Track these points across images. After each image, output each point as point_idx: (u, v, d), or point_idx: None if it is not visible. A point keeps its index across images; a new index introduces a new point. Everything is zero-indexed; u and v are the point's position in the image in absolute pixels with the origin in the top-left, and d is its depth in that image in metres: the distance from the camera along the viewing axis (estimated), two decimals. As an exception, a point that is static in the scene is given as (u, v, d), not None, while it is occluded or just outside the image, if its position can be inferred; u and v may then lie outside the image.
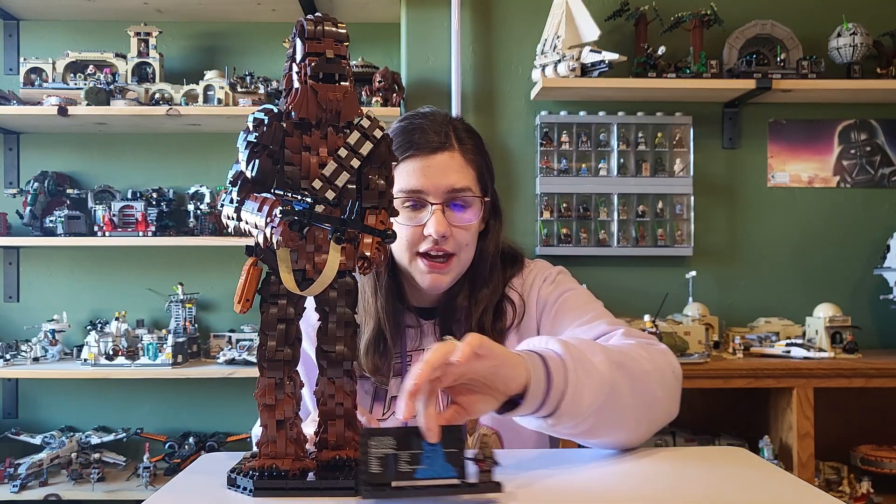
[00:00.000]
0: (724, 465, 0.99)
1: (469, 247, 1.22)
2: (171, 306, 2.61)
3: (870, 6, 2.62)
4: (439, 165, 1.18)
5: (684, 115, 2.58)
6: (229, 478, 0.86)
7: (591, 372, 0.92)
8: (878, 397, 2.40)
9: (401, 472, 0.76)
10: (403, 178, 1.19)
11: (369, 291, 1.23)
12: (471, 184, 1.21)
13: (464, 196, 1.20)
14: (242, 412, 2.70)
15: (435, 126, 1.22)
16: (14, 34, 2.79)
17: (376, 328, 1.22)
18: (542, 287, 1.27)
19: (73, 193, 2.67)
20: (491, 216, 1.28)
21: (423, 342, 1.26)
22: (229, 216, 0.84)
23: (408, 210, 1.20)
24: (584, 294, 1.28)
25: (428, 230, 1.17)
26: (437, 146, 1.19)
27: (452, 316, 1.24)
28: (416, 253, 1.20)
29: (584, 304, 1.24)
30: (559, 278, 1.29)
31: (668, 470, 0.95)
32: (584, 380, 0.90)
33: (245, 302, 0.82)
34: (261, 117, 0.83)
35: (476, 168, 1.23)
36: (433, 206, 1.18)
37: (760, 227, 2.64)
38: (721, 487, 0.89)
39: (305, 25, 0.83)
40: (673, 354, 1.11)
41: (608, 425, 0.95)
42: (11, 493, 2.37)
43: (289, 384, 0.84)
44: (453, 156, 1.20)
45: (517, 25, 2.62)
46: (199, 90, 2.53)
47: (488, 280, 1.25)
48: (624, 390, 0.95)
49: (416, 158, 1.19)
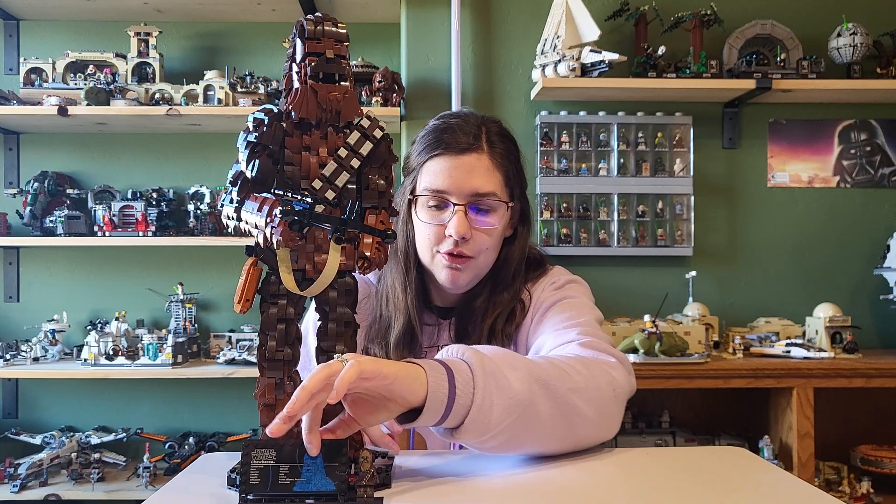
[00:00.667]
0: (724, 465, 0.99)
1: (489, 251, 1.21)
2: (171, 306, 2.61)
3: (870, 6, 2.62)
4: (465, 167, 1.18)
5: (684, 115, 2.58)
6: (229, 478, 0.86)
7: (504, 388, 0.88)
8: (877, 397, 2.41)
9: (280, 485, 0.76)
10: (429, 176, 1.19)
11: (399, 288, 1.23)
12: (496, 188, 1.19)
13: (488, 200, 1.18)
14: (242, 412, 2.70)
15: (467, 127, 1.20)
16: (14, 34, 2.79)
17: (406, 324, 1.22)
18: (546, 289, 1.26)
19: (73, 193, 2.67)
20: (519, 222, 1.27)
21: (439, 340, 1.26)
22: (229, 216, 0.84)
23: (431, 209, 1.20)
24: (581, 304, 1.23)
25: (448, 231, 1.17)
26: (466, 147, 1.18)
27: (469, 317, 1.24)
28: (437, 251, 1.20)
29: (571, 311, 1.20)
30: (567, 286, 1.27)
31: (667, 470, 0.95)
32: (493, 396, 0.87)
33: (245, 302, 0.82)
34: (261, 117, 0.83)
35: (504, 172, 1.21)
36: (455, 208, 1.17)
37: (760, 227, 2.64)
38: (721, 487, 0.89)
39: (305, 25, 0.83)
40: (623, 371, 1.06)
41: (521, 442, 0.91)
42: (11, 493, 2.37)
43: (289, 384, 0.84)
44: (481, 158, 1.19)
45: (517, 25, 2.62)
46: (199, 90, 2.53)
47: (510, 285, 1.25)
48: (541, 407, 0.91)
49: (444, 158, 1.18)
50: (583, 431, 0.97)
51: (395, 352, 1.21)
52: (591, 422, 0.97)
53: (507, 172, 1.22)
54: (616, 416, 1.02)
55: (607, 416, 1.00)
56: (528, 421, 0.90)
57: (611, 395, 1.01)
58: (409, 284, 1.23)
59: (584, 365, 1.01)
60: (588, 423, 0.97)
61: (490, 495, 0.84)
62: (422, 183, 1.20)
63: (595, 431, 0.99)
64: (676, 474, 0.94)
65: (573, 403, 0.94)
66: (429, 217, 1.20)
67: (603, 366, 1.04)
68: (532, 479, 0.90)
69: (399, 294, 1.23)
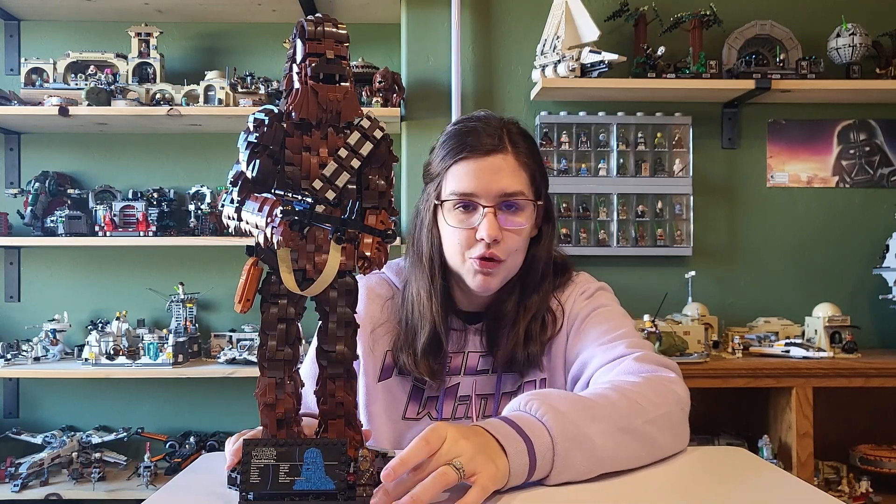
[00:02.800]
0: (724, 464, 0.99)
1: (518, 252, 1.21)
2: (172, 306, 2.62)
3: (869, 6, 2.63)
4: (491, 168, 1.17)
5: (684, 116, 2.59)
6: (230, 477, 0.87)
7: (588, 449, 0.90)
8: (877, 397, 2.41)
9: (280, 484, 0.77)
10: (455, 180, 1.18)
11: (424, 296, 1.22)
12: (524, 187, 1.19)
13: (516, 199, 1.18)
14: (243, 412, 2.70)
15: (489, 129, 1.20)
16: (15, 34, 2.79)
17: (432, 332, 1.21)
18: (577, 300, 1.26)
19: (73, 193, 2.67)
20: (543, 221, 1.27)
21: (465, 346, 1.26)
22: (230, 216, 0.84)
23: (459, 212, 1.19)
24: (616, 313, 1.25)
25: (480, 234, 1.16)
26: (491, 148, 1.18)
27: (500, 322, 1.23)
28: (469, 257, 1.19)
29: (610, 323, 1.21)
30: (597, 294, 1.28)
31: (667, 470, 0.96)
32: (576, 458, 0.89)
33: (245, 302, 0.82)
34: (261, 118, 0.83)
35: (529, 172, 1.21)
36: (485, 209, 1.16)
37: (760, 227, 2.64)
38: (721, 487, 0.89)
39: (306, 26, 0.83)
40: (681, 382, 1.10)
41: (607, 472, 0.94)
42: (12, 492, 2.37)
43: (289, 384, 0.84)
44: (506, 158, 1.18)
45: (517, 25, 2.62)
46: (200, 90, 2.54)
47: (539, 287, 1.24)
48: (624, 452, 0.95)
49: (469, 161, 1.18)
50: (660, 455, 1.01)
51: (423, 362, 1.21)
52: (667, 447, 1.02)
53: (532, 171, 1.21)
54: (685, 431, 1.07)
55: (680, 436, 1.05)
56: (611, 465, 0.93)
57: (680, 414, 1.06)
58: (433, 292, 1.22)
59: (652, 389, 1.04)
60: (665, 449, 1.01)
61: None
62: (448, 188, 1.19)
63: (670, 451, 1.03)
64: (676, 474, 0.94)
65: (652, 436, 0.99)
66: (457, 221, 1.19)
67: (666, 384, 1.07)
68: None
69: (424, 302, 1.22)
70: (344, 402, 0.86)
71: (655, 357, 1.13)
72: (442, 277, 1.23)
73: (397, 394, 1.23)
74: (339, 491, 0.77)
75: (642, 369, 1.09)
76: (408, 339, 1.23)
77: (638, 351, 1.13)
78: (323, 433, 0.87)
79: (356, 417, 0.87)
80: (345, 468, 0.78)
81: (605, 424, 0.93)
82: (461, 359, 1.24)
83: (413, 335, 1.23)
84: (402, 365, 1.22)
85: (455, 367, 1.24)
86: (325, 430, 0.86)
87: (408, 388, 1.24)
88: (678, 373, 1.12)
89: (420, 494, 0.77)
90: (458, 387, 1.23)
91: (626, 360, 1.11)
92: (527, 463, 0.86)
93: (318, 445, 0.78)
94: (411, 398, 1.24)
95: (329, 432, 0.86)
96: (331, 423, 0.86)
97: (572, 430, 0.90)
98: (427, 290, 1.22)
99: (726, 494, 0.87)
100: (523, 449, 0.86)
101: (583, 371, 1.17)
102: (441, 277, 1.23)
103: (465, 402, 1.22)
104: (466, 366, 1.24)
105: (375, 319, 1.26)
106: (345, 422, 0.86)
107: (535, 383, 1.21)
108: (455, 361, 1.24)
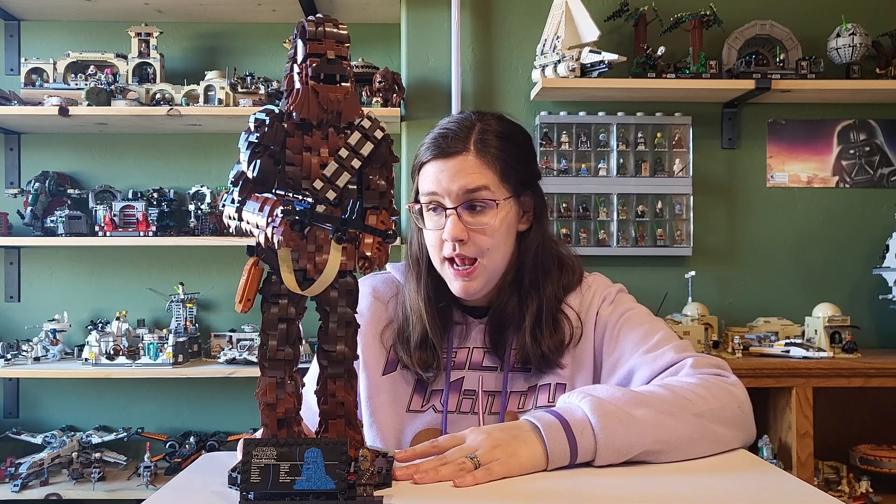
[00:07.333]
0: (724, 465, 0.99)
1: (494, 250, 1.19)
2: (172, 306, 2.62)
3: (869, 6, 2.63)
4: (451, 169, 1.18)
5: (684, 116, 2.59)
6: (230, 477, 0.87)
7: (627, 423, 0.96)
8: (876, 397, 2.41)
9: (280, 483, 0.77)
10: (424, 182, 1.20)
11: (413, 293, 1.24)
12: (488, 183, 1.18)
13: (477, 197, 1.17)
14: (243, 412, 2.70)
15: (460, 131, 1.20)
16: (15, 34, 2.79)
17: (422, 329, 1.23)
18: (601, 307, 1.25)
19: (73, 193, 2.67)
20: (533, 216, 1.25)
21: (468, 341, 1.26)
22: (230, 216, 0.84)
23: (431, 214, 1.21)
24: (645, 314, 1.25)
25: (444, 234, 1.17)
26: (454, 151, 1.18)
27: (504, 323, 1.23)
28: (444, 258, 1.20)
29: (645, 325, 1.21)
30: (619, 297, 1.27)
31: (667, 470, 0.96)
32: (615, 429, 0.95)
33: (246, 301, 0.82)
34: (262, 118, 0.83)
35: (499, 169, 1.19)
36: (448, 210, 1.18)
37: (760, 227, 2.64)
38: (721, 487, 0.90)
39: (307, 26, 0.83)
40: (739, 384, 1.11)
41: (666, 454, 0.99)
42: (12, 492, 2.37)
43: (290, 383, 0.85)
44: (467, 159, 1.18)
45: (517, 25, 2.62)
46: (200, 90, 2.54)
47: (538, 286, 1.23)
48: (673, 431, 0.98)
49: (434, 162, 1.19)
50: (725, 444, 1.04)
51: (416, 354, 1.22)
52: (726, 437, 1.04)
53: (503, 167, 1.19)
54: (750, 424, 1.09)
55: (743, 427, 1.07)
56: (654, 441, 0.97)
57: (739, 412, 1.07)
58: (420, 290, 1.24)
59: (706, 388, 1.06)
60: (725, 439, 1.04)
61: (490, 495, 0.84)
62: (420, 190, 1.22)
63: (737, 441, 1.06)
64: (676, 474, 0.94)
65: (703, 424, 1.01)
66: (431, 223, 1.21)
67: (724, 384, 1.09)
68: (531, 479, 0.91)
69: (414, 298, 1.24)
70: (344, 402, 0.86)
71: (709, 359, 1.14)
72: (430, 274, 1.25)
73: (402, 386, 1.25)
74: (339, 491, 0.77)
75: (701, 371, 1.11)
76: (403, 334, 1.25)
77: (689, 356, 1.14)
78: (323, 433, 0.87)
79: (356, 417, 0.88)
80: (345, 468, 0.78)
81: (647, 409, 0.98)
82: (466, 353, 1.25)
83: (407, 330, 1.25)
84: (400, 358, 1.25)
85: (460, 361, 1.25)
86: (326, 430, 0.87)
87: (412, 381, 1.25)
88: (732, 374, 1.13)
89: (427, 467, 0.89)
90: (462, 381, 1.24)
91: (683, 367, 1.12)
92: (565, 439, 0.93)
93: (319, 445, 0.78)
94: (415, 391, 1.25)
95: (329, 432, 0.86)
96: (331, 423, 0.86)
97: (610, 408, 0.97)
98: (415, 288, 1.25)
99: (726, 494, 0.87)
100: (558, 427, 0.94)
101: (630, 379, 1.17)
102: (429, 275, 1.24)
103: (470, 396, 1.23)
104: (471, 361, 1.24)
105: (381, 317, 1.28)
106: (345, 422, 0.86)
107: (550, 387, 1.20)
108: (460, 356, 1.25)
